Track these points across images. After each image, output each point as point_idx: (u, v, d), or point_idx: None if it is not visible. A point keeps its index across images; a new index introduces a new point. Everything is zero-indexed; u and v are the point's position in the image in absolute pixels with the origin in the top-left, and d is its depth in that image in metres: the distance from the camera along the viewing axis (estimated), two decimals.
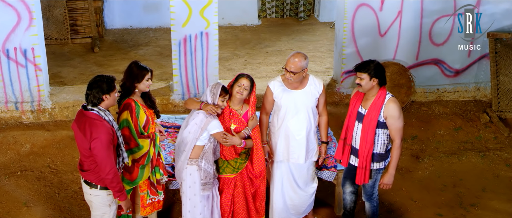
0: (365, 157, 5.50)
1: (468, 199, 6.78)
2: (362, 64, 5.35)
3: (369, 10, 8.20)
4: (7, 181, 6.86)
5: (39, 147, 7.47)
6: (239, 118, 5.52)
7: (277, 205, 5.99)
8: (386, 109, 5.35)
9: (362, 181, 5.62)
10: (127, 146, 5.23)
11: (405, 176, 7.22)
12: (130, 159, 5.30)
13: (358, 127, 5.51)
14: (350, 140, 5.62)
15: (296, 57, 5.46)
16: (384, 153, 5.55)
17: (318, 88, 5.66)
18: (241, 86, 5.42)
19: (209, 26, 7.88)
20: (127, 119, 5.20)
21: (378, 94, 5.38)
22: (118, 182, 4.88)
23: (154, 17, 11.83)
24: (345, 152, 5.69)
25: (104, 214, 5.07)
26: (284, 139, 5.72)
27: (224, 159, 5.59)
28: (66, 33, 10.75)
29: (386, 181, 5.58)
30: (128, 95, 5.30)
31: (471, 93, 8.87)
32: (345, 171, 5.89)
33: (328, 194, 6.67)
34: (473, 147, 7.82)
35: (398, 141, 5.40)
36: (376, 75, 5.32)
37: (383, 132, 5.44)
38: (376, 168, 5.59)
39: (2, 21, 7.47)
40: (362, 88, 5.37)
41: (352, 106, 5.58)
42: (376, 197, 5.87)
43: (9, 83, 7.79)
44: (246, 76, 5.48)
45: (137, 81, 5.27)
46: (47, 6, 10.42)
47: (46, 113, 8.01)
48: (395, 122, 5.35)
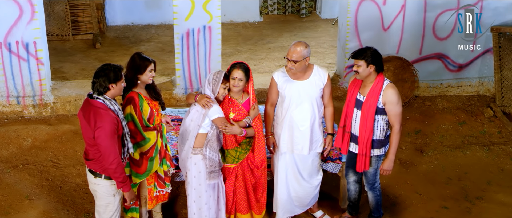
0: (365, 144, 5.49)
1: (473, 192, 6.73)
2: (359, 51, 5.36)
3: (372, 4, 8.17)
4: (9, 174, 6.82)
5: (41, 141, 7.42)
6: (239, 107, 5.46)
7: (281, 197, 5.94)
8: (384, 95, 5.36)
9: (363, 168, 5.60)
10: (134, 140, 5.19)
11: (410, 169, 7.18)
12: (138, 152, 5.26)
13: (357, 114, 5.51)
14: (349, 127, 5.61)
15: (297, 46, 5.42)
16: (383, 139, 5.55)
17: (323, 78, 5.61)
18: (235, 79, 5.32)
19: (212, 20, 7.84)
20: (130, 113, 5.14)
21: (376, 80, 5.39)
22: (122, 172, 4.83)
23: (155, 13, 11.80)
24: (344, 139, 5.68)
25: (109, 204, 5.02)
26: (288, 129, 5.68)
27: (225, 148, 5.55)
28: (68, 29, 10.72)
29: (386, 167, 5.57)
30: (131, 87, 5.24)
31: (474, 88, 8.83)
32: (347, 159, 5.88)
33: (332, 187, 6.63)
34: (477, 141, 7.78)
35: (397, 126, 5.41)
36: (373, 62, 5.33)
37: (382, 118, 5.45)
38: (377, 154, 5.59)
39: (4, 15, 7.43)
40: (359, 75, 5.38)
41: (350, 93, 5.58)
42: (379, 186, 5.84)
43: (11, 77, 7.75)
44: (238, 66, 5.35)
45: (140, 73, 5.19)
46: (49, 2, 10.39)
47: (48, 107, 7.96)
48: (394, 107, 5.36)
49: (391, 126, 5.51)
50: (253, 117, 5.49)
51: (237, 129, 5.36)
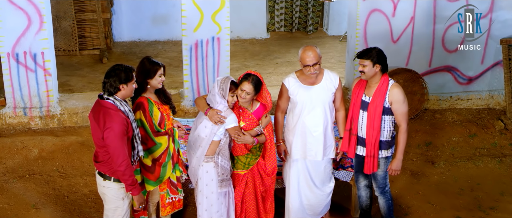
0: (372, 145, 5.44)
1: (487, 203, 6.62)
2: (364, 51, 5.35)
3: (381, 15, 8.14)
4: (15, 184, 6.73)
5: (48, 152, 7.34)
6: (249, 116, 5.37)
7: (293, 205, 5.83)
8: (390, 94, 5.34)
9: (371, 170, 5.53)
10: (145, 146, 5.12)
11: (421, 180, 7.07)
12: (150, 159, 5.19)
13: (363, 115, 5.46)
14: (355, 130, 5.55)
15: (309, 50, 5.38)
16: (390, 140, 5.51)
17: (334, 82, 5.55)
18: (243, 91, 5.21)
19: (220, 31, 7.80)
20: (140, 118, 5.08)
21: (381, 80, 5.37)
22: (131, 175, 4.73)
23: (162, 29, 11.79)
24: (351, 142, 5.61)
25: (117, 208, 4.91)
26: (300, 136, 5.59)
27: (235, 154, 5.46)
28: (75, 44, 10.71)
29: (394, 167, 5.51)
30: (140, 92, 5.17)
31: (484, 101, 8.75)
32: (355, 164, 5.80)
33: (344, 198, 6.54)
34: (489, 153, 7.68)
35: (404, 126, 5.38)
36: (378, 62, 5.31)
37: (389, 119, 5.41)
38: (384, 156, 5.53)
39: (12, 25, 7.40)
40: (365, 75, 5.35)
41: (355, 95, 5.53)
42: (389, 190, 5.77)
43: (18, 88, 7.70)
44: (250, 79, 5.21)
45: (149, 77, 5.13)
46: (56, 17, 10.38)
47: (55, 118, 7.90)
48: (400, 107, 5.33)
49: (397, 127, 5.46)
50: (264, 125, 5.41)
51: (249, 139, 5.29)
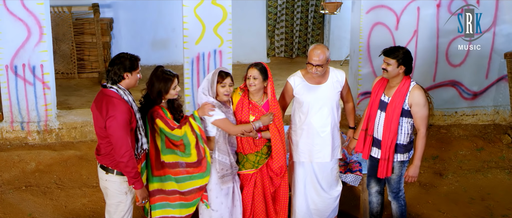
0: (388, 148, 5.23)
1: (499, 211, 6.42)
2: (392, 49, 5.18)
3: (384, 29, 8.07)
4: (11, 194, 6.51)
5: (45, 165, 7.14)
6: (258, 109, 5.23)
7: (299, 209, 5.63)
8: (411, 96, 5.15)
9: (384, 174, 5.31)
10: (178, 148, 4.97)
11: (430, 190, 6.87)
12: (195, 154, 4.99)
13: (380, 116, 5.29)
14: (371, 130, 5.36)
15: (318, 49, 5.23)
16: (407, 144, 5.30)
17: (341, 81, 5.43)
18: (250, 78, 5.13)
19: (222, 44, 7.71)
20: (161, 127, 4.88)
21: (402, 81, 5.20)
22: (134, 167, 4.55)
23: (161, 54, 11.68)
24: (366, 143, 5.42)
25: (120, 203, 4.71)
26: (307, 137, 5.43)
27: (243, 153, 5.28)
28: (73, 67, 10.58)
29: (411, 173, 5.30)
30: (154, 104, 4.93)
31: (490, 117, 8.62)
32: (368, 168, 5.59)
33: (352, 207, 6.36)
34: (497, 166, 7.50)
35: (423, 130, 5.18)
36: (404, 63, 5.15)
37: (407, 121, 5.22)
38: (400, 160, 5.32)
39: (12, 36, 7.28)
40: (387, 74, 5.18)
41: (374, 94, 5.37)
42: (403, 195, 5.55)
43: (16, 102, 7.53)
44: (254, 65, 5.17)
45: (165, 93, 4.92)
46: (55, 39, 10.28)
47: (53, 133, 7.71)
48: (420, 110, 5.14)
49: (415, 131, 5.28)
50: (264, 123, 5.19)
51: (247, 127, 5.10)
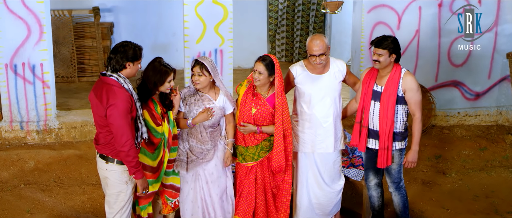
0: (386, 136, 5.19)
1: (504, 208, 6.34)
2: (380, 40, 5.15)
3: (386, 28, 8.03)
4: (9, 192, 6.45)
5: (44, 164, 7.07)
6: (262, 102, 5.18)
7: (302, 203, 5.55)
8: (404, 82, 5.15)
9: (384, 164, 5.24)
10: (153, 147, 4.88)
11: (433, 188, 6.80)
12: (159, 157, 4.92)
13: (375, 106, 5.25)
14: (366, 122, 5.30)
15: (316, 39, 5.18)
16: (404, 132, 5.28)
17: (342, 70, 5.39)
18: (255, 72, 5.09)
19: (223, 43, 7.68)
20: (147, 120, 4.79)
21: (393, 69, 5.19)
22: (135, 156, 4.47)
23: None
24: (362, 135, 5.35)
25: (120, 193, 4.62)
26: (309, 128, 5.37)
27: (244, 145, 5.22)
28: (73, 71, 10.55)
29: (410, 159, 5.26)
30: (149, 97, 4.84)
31: (493, 118, 8.55)
32: (365, 160, 5.52)
33: (355, 204, 6.27)
34: (501, 165, 7.43)
35: (418, 114, 5.18)
36: (395, 51, 5.15)
37: (402, 108, 5.21)
38: (398, 148, 5.28)
39: (12, 35, 7.24)
40: (380, 64, 5.15)
41: (365, 85, 5.31)
42: (404, 185, 5.50)
43: (15, 101, 7.47)
44: (261, 59, 5.11)
45: (160, 85, 4.84)
46: (55, 43, 10.24)
47: (52, 133, 7.64)
48: (414, 95, 5.14)
49: (410, 116, 5.25)
50: (200, 120, 5.07)
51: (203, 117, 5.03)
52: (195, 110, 5.10)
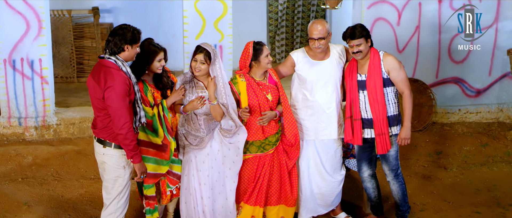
0: (381, 121, 5.20)
1: (506, 200, 6.29)
2: (352, 31, 5.14)
3: (386, 24, 8.01)
4: (7, 186, 6.38)
5: (42, 159, 6.99)
6: (267, 85, 5.27)
7: (304, 194, 5.52)
8: (385, 63, 5.18)
9: (385, 149, 5.22)
10: None
11: (435, 182, 6.75)
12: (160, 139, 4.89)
13: (363, 95, 5.26)
14: (358, 114, 5.28)
15: (318, 23, 5.21)
16: (397, 114, 5.29)
17: (342, 55, 5.38)
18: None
19: (223, 38, 7.65)
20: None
21: (371, 54, 5.22)
22: (133, 140, 4.43)
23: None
24: (355, 129, 5.31)
25: (118, 178, 4.57)
26: (312, 115, 5.36)
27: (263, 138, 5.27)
28: (72, 71, 10.51)
29: (403, 135, 5.24)
30: (138, 77, 4.85)
31: (494, 115, 8.49)
32: (357, 152, 5.49)
33: (355, 197, 6.22)
34: (503, 160, 7.38)
35: (407, 92, 5.19)
36: (368, 35, 5.19)
37: (391, 90, 5.23)
38: (395, 133, 5.28)
39: (10, 30, 7.19)
40: (362, 54, 5.16)
41: (349, 79, 5.30)
42: (401, 173, 5.49)
43: (13, 97, 7.43)
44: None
45: (147, 63, 4.85)
46: (54, 43, 10.21)
47: (50, 129, 7.59)
48: (399, 73, 5.17)
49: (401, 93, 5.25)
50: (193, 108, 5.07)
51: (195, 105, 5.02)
52: (188, 97, 5.10)
